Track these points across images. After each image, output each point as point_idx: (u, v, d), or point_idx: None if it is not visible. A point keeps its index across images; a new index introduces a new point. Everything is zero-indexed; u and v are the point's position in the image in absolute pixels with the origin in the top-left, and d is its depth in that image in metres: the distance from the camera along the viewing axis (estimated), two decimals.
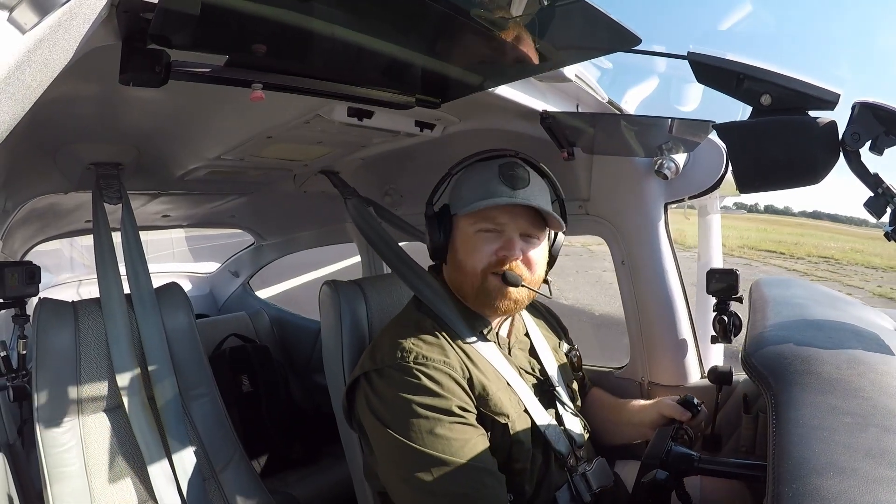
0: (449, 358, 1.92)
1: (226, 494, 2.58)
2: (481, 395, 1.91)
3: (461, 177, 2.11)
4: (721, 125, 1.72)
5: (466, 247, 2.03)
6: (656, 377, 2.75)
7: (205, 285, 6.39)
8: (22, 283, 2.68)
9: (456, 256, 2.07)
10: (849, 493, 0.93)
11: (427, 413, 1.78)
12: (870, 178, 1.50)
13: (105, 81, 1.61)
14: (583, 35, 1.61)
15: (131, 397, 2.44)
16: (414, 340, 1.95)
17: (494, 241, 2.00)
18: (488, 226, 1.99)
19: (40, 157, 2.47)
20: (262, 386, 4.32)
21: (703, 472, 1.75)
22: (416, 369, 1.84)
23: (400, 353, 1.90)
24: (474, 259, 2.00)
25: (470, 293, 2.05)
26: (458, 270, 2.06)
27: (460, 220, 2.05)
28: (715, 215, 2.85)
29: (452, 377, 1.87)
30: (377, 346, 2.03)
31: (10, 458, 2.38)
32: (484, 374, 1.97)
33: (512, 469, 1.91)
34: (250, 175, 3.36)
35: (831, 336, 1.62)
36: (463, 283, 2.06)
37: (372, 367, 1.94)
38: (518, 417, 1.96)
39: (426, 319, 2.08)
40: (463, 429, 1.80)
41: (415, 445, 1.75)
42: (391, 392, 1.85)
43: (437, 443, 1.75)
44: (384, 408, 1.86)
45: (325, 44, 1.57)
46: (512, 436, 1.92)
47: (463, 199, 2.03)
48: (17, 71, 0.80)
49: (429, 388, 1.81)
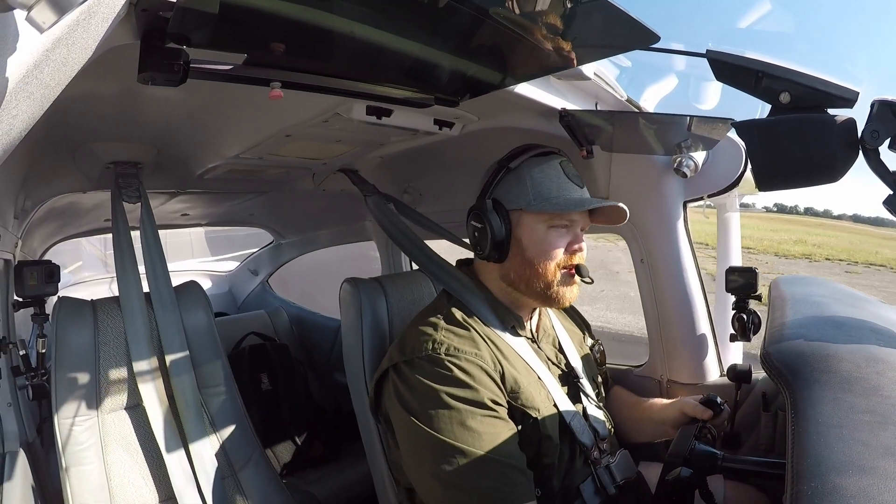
0: (480, 350, 1.91)
1: (245, 493, 2.58)
2: (513, 389, 1.91)
3: (521, 173, 2.07)
4: (740, 123, 1.71)
5: (541, 244, 2.02)
6: (675, 375, 2.74)
7: (224, 283, 6.42)
8: (41, 282, 2.70)
9: (524, 253, 2.04)
10: (868, 491, 0.92)
11: (458, 405, 1.78)
12: (889, 177, 1.49)
13: (124, 80, 1.62)
14: (602, 33, 1.61)
15: (150, 396, 2.45)
16: (445, 332, 1.95)
17: (565, 237, 2.02)
18: (563, 222, 2.02)
19: (59, 156, 2.49)
20: (282, 384, 4.33)
21: (726, 471, 1.75)
22: (447, 360, 1.85)
23: (431, 343, 1.90)
24: (549, 255, 2.01)
25: (539, 288, 2.04)
26: (527, 266, 2.04)
27: (527, 216, 2.03)
28: (734, 213, 2.84)
29: (484, 369, 1.86)
30: (407, 337, 2.03)
31: (30, 457, 2.39)
32: (515, 368, 1.97)
33: (541, 464, 1.91)
34: (269, 173, 3.36)
35: (850, 334, 1.61)
36: (531, 279, 2.04)
37: (401, 358, 1.94)
38: (548, 412, 1.96)
39: (457, 311, 2.07)
40: (493, 422, 1.80)
41: (443, 438, 1.75)
42: (421, 383, 1.84)
43: (467, 435, 1.75)
44: (413, 399, 1.86)
45: (344, 42, 1.57)
46: (542, 431, 1.91)
47: (532, 195, 2.02)
48: (36, 70, 0.81)
49: (460, 380, 1.81)
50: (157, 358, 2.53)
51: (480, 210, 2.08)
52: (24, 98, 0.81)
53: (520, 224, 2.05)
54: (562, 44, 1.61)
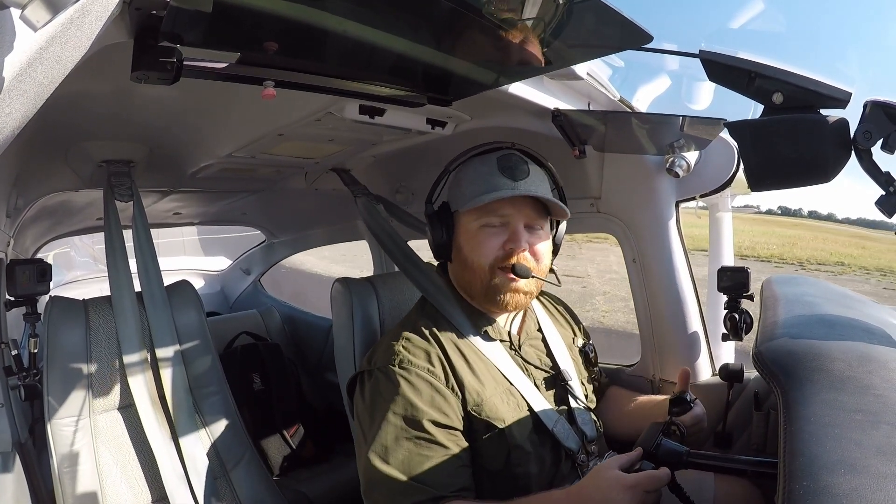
0: (433, 366, 1.92)
1: (237, 493, 2.58)
2: (475, 402, 1.91)
3: (459, 173, 2.10)
4: (733, 123, 1.72)
5: (472, 243, 2.01)
6: (667, 374, 2.74)
7: (216, 283, 6.40)
8: (33, 281, 2.69)
9: (461, 254, 2.05)
10: (860, 490, 0.93)
11: (395, 420, 1.81)
12: (881, 177, 1.50)
13: (117, 79, 1.61)
14: (595, 33, 1.62)
15: (142, 395, 2.45)
16: (405, 343, 1.97)
17: (500, 235, 1.99)
18: (492, 219, 1.99)
19: (52, 155, 2.49)
20: (274, 384, 4.32)
21: (692, 466, 1.75)
22: (398, 374, 1.88)
23: (389, 355, 1.92)
24: (481, 255, 1.99)
25: (478, 290, 2.04)
26: (465, 268, 2.05)
27: (462, 217, 2.04)
28: (726, 213, 2.84)
29: (434, 386, 1.88)
30: (376, 347, 2.06)
31: (22, 457, 2.39)
32: (479, 380, 1.96)
33: (512, 473, 1.91)
34: (262, 172, 3.37)
35: (842, 333, 1.62)
36: (471, 281, 2.05)
37: (366, 367, 1.98)
38: (517, 422, 1.95)
39: (425, 321, 2.08)
40: (425, 446, 1.81)
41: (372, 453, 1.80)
42: (372, 394, 1.89)
43: (394, 453, 1.78)
44: (363, 408, 1.92)
45: (337, 41, 1.58)
46: (509, 440, 1.91)
47: (463, 195, 2.02)
48: (29, 68, 0.81)
49: (406, 396, 1.83)
50: (148, 358, 2.53)
51: (426, 215, 2.11)
52: (18, 96, 0.81)
53: (458, 225, 2.07)
54: (555, 44, 1.62)
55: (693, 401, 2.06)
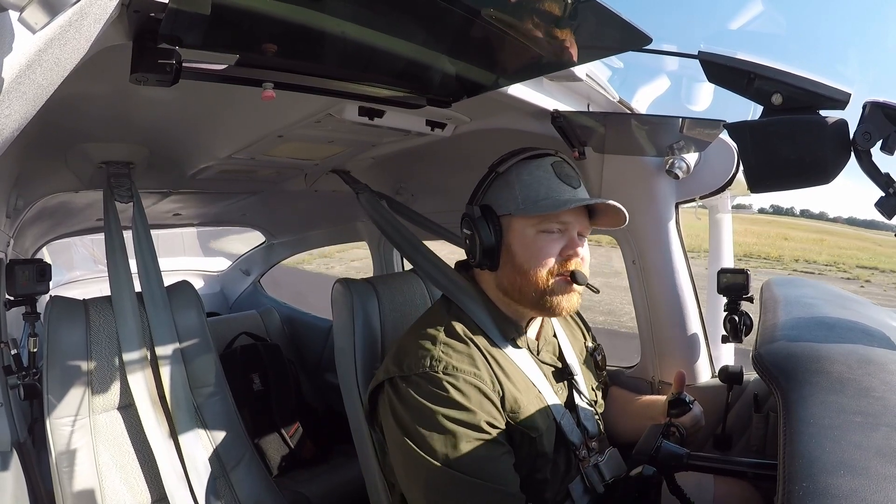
0: (479, 369, 1.87)
1: (237, 493, 2.58)
2: (513, 409, 1.87)
3: (508, 176, 2.01)
4: (732, 124, 1.72)
5: (530, 249, 1.94)
6: (667, 376, 2.73)
7: (216, 283, 6.42)
8: (33, 280, 2.70)
9: (514, 259, 1.97)
10: (860, 492, 0.93)
11: (452, 426, 1.74)
12: (881, 178, 1.50)
13: (116, 81, 1.61)
14: (594, 34, 1.61)
15: (142, 396, 2.45)
16: (444, 348, 1.90)
17: (558, 242, 1.94)
18: (553, 226, 1.93)
19: (51, 156, 2.49)
20: (273, 384, 4.33)
21: (692, 469, 1.75)
22: (444, 380, 1.80)
23: (429, 360, 1.85)
24: (540, 261, 1.92)
25: (533, 296, 1.96)
26: (519, 273, 1.96)
27: (517, 221, 1.96)
28: (726, 215, 2.85)
29: (482, 390, 1.82)
30: (404, 350, 1.96)
31: (21, 457, 2.38)
32: (516, 387, 1.93)
33: (533, 479, 1.89)
34: (261, 174, 3.37)
35: (842, 335, 1.62)
36: (523, 287, 1.97)
37: (398, 372, 1.89)
38: (547, 430, 1.93)
39: (457, 324, 2.00)
40: (488, 446, 1.76)
41: (433, 461, 1.72)
42: (417, 401, 1.80)
43: (459, 459, 1.72)
44: (408, 416, 1.82)
45: (336, 43, 1.57)
46: (538, 449, 1.89)
47: (520, 199, 1.95)
48: (28, 70, 0.81)
49: (456, 401, 1.77)
50: (148, 358, 2.53)
51: (469, 217, 2.04)
52: (17, 98, 0.81)
53: (510, 230, 1.98)
54: (554, 45, 1.62)
55: (691, 402, 2.06)
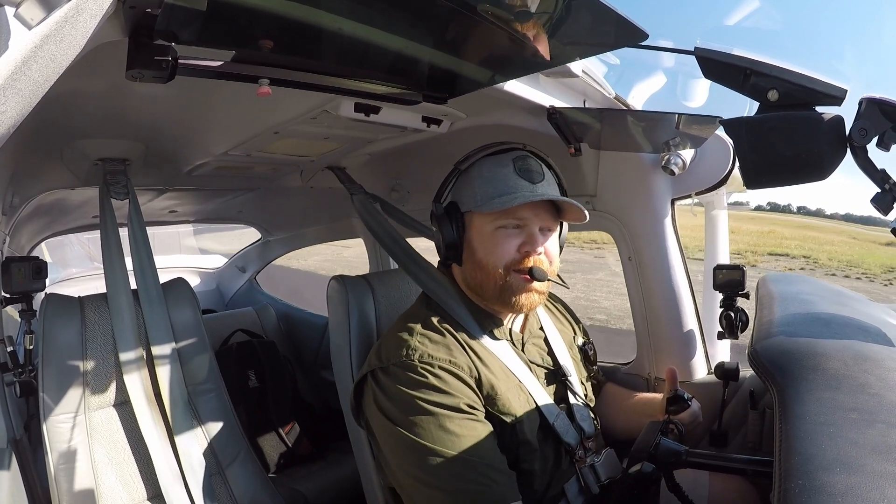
0: (456, 357, 1.89)
1: (232, 490, 2.59)
2: (489, 395, 1.89)
3: (471, 172, 2.05)
4: (728, 121, 1.71)
5: (487, 245, 1.98)
6: (663, 373, 2.72)
7: (211, 280, 6.40)
8: (29, 278, 2.69)
9: (474, 255, 2.01)
10: (856, 489, 0.92)
11: (434, 409, 1.76)
12: (877, 174, 1.49)
13: (112, 77, 1.61)
14: (590, 30, 1.61)
15: (138, 393, 2.45)
16: (420, 338, 1.93)
17: (515, 237, 1.96)
18: (510, 222, 1.95)
19: (47, 153, 2.48)
20: (269, 381, 4.32)
21: (690, 466, 1.75)
22: (421, 367, 1.83)
23: (405, 350, 1.88)
24: (496, 257, 1.96)
25: (491, 292, 2.00)
26: (478, 269, 2.01)
27: (477, 218, 2.00)
28: (722, 211, 2.85)
29: (458, 376, 1.84)
30: (384, 343, 2.00)
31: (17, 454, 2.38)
32: (493, 374, 1.94)
33: (519, 469, 1.89)
34: (257, 170, 3.36)
35: (838, 332, 1.62)
36: (483, 282, 2.01)
37: (378, 364, 1.92)
38: (527, 418, 1.93)
39: (434, 316, 2.04)
40: (472, 425, 1.78)
41: (423, 442, 1.74)
42: (398, 390, 1.82)
43: (446, 438, 1.73)
44: (391, 405, 1.84)
45: (332, 39, 1.57)
46: (519, 436, 1.90)
47: (479, 196, 1.98)
48: (24, 67, 0.81)
49: (435, 386, 1.79)
50: (144, 355, 2.53)
51: (434, 214, 2.08)
52: (13, 94, 0.81)
53: (471, 226, 2.03)
54: (550, 41, 1.62)
55: (690, 399, 2.06)
